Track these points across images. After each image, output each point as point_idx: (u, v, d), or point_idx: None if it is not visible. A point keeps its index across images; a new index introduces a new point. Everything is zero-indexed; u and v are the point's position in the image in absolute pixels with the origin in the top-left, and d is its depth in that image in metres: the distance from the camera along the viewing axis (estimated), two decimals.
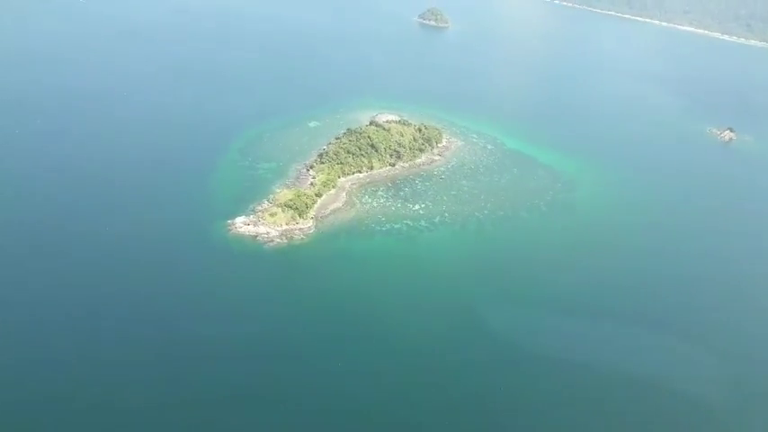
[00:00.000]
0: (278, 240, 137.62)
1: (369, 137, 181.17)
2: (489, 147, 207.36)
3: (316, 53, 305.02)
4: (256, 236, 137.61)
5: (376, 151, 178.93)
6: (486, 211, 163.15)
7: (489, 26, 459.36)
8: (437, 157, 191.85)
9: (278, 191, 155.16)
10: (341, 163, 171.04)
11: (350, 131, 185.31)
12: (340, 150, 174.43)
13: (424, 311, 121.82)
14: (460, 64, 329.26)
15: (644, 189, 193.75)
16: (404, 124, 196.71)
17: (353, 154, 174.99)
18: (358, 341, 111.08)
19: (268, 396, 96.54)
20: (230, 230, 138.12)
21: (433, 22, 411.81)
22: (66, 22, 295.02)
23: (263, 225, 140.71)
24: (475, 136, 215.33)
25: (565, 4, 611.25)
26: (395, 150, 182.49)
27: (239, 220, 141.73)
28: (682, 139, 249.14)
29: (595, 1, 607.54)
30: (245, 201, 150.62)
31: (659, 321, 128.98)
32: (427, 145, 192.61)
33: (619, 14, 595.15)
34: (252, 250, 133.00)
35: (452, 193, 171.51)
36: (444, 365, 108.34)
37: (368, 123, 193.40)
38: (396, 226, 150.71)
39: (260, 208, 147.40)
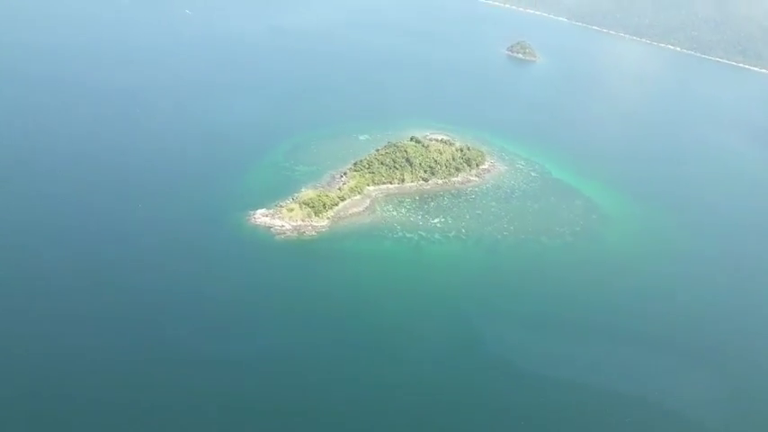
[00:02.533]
0: (289, 234, 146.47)
1: (405, 151, 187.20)
2: (533, 174, 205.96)
3: (393, 76, 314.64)
4: (271, 227, 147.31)
5: (410, 165, 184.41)
6: (505, 233, 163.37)
7: (581, 64, 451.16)
8: (474, 178, 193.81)
9: (304, 191, 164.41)
10: (372, 172, 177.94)
11: (389, 144, 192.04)
12: (374, 161, 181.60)
13: (415, 319, 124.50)
14: (537, 96, 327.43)
15: (687, 232, 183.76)
16: (446, 143, 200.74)
17: (387, 165, 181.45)
18: (339, 342, 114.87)
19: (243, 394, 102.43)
20: (249, 220, 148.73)
21: (520, 55, 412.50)
22: (167, 32, 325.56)
23: (279, 218, 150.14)
24: (522, 163, 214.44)
25: (674, 48, 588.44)
26: (429, 167, 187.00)
27: (260, 211, 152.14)
28: (750, 189, 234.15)
29: (707, 48, 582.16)
30: (272, 196, 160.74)
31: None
32: (466, 165, 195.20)
33: (732, 63, 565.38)
34: (262, 239, 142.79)
35: (477, 212, 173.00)
36: (434, 374, 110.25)
37: (408, 139, 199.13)
38: (408, 235, 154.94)
39: (283, 204, 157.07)
